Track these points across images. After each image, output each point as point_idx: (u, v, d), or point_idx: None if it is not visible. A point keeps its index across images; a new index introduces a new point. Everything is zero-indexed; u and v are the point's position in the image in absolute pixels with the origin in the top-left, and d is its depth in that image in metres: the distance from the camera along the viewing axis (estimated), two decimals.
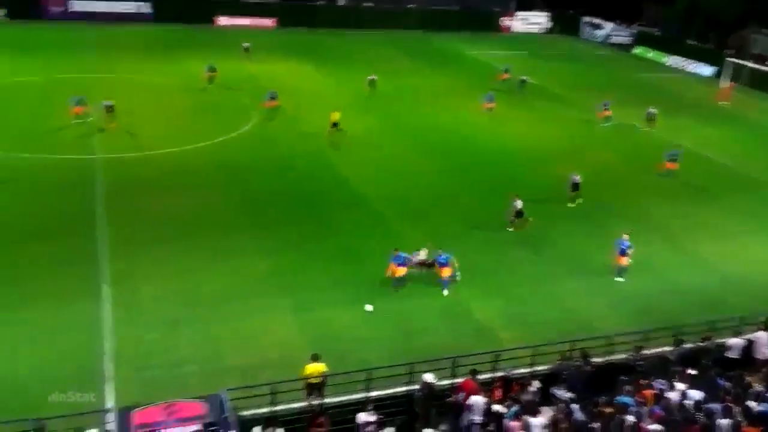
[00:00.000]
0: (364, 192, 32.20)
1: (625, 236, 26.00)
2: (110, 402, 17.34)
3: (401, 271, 23.83)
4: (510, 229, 28.71)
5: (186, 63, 53.76)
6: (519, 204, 28.65)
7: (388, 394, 17.27)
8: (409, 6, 79.78)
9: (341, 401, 17.08)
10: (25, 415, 14.99)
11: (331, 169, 34.81)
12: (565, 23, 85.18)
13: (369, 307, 22.20)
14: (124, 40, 60.68)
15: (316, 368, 17.37)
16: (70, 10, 68.27)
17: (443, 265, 23.95)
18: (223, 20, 72.57)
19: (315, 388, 17.37)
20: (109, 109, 36.59)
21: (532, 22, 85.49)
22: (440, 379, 16.95)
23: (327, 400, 17.26)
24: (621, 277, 25.78)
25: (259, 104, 42.78)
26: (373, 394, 16.97)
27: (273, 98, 42.73)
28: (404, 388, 17.36)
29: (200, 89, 46.50)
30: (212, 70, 47.62)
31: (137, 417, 14.84)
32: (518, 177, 35.18)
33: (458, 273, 24.20)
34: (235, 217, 28.70)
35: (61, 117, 38.04)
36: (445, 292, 23.78)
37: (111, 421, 14.85)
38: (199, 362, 19.48)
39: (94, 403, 17.08)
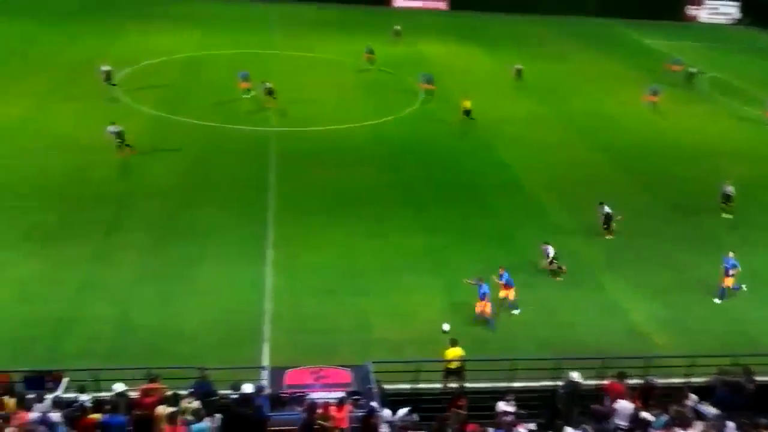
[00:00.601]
0: (525, 178, 31.56)
1: (731, 254, 23.37)
2: (265, 360, 18.27)
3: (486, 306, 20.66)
4: (608, 237, 26.40)
5: (358, 42, 54.97)
6: (606, 209, 26.34)
7: (530, 386, 16.87)
8: None
9: (482, 387, 16.90)
10: (191, 363, 16.11)
11: (492, 152, 34.41)
12: (761, 14, 78.18)
13: (446, 327, 19.37)
14: (303, 19, 62.91)
15: (454, 353, 17.31)
16: None
17: (508, 285, 21.28)
18: (399, 2, 73.38)
19: (453, 373, 17.32)
20: (269, 91, 37.72)
21: (720, 12, 79.33)
22: (586, 378, 16.31)
23: (468, 385, 17.16)
24: (720, 298, 23.03)
25: (418, 87, 42.96)
26: (515, 384, 16.65)
27: (429, 82, 42.60)
28: (548, 383, 16.88)
29: (364, 69, 47.30)
30: (370, 51, 48.08)
31: (288, 377, 15.51)
32: (673, 174, 33.13)
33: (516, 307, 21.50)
34: (394, 194, 29.12)
35: (238, 90, 40.30)
36: (516, 312, 21.43)
37: (265, 378, 15.62)
38: (349, 332, 20.01)
39: (250, 359, 18.07)
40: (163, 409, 12.94)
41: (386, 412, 14.32)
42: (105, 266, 22.47)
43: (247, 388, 14.15)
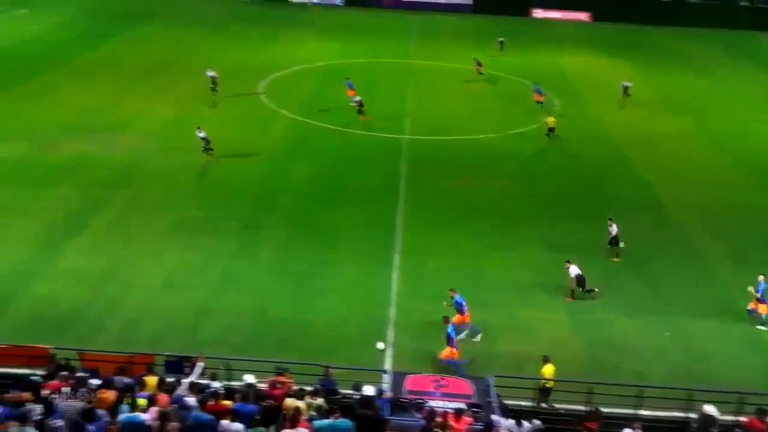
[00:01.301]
0: (664, 198, 29.97)
1: (761, 277, 20.99)
2: (387, 364, 18.35)
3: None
4: (615, 259, 24.63)
5: (494, 53, 54.42)
6: (614, 229, 24.62)
7: (659, 416, 15.94)
8: (741, 3, 71.95)
9: (608, 413, 16.13)
10: (317, 359, 16.45)
11: (631, 169, 32.94)
12: None
13: (381, 345, 18.77)
14: (441, 29, 63.11)
15: (549, 370, 16.79)
16: (400, 0, 72.70)
17: (460, 310, 19.73)
18: (539, 13, 72.07)
19: (544, 390, 16.75)
20: (359, 104, 37.41)
21: None
22: (722, 413, 15.18)
23: (590, 408, 16.45)
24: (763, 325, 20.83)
25: (537, 101, 41.58)
26: (643, 412, 15.77)
27: (539, 93, 41.23)
28: (678, 414, 15.88)
29: (495, 80, 46.69)
30: (479, 63, 47.14)
31: (409, 383, 15.47)
32: None
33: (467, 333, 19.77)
34: (525, 207, 28.53)
35: (376, 98, 40.97)
36: (477, 339, 19.73)
37: (386, 381, 15.66)
38: (471, 343, 19.73)
39: (372, 361, 18.22)
40: (290, 402, 13.25)
41: (508, 423, 13.92)
42: (244, 260, 23.45)
43: (369, 390, 14.22)
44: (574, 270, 21.97)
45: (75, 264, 22.62)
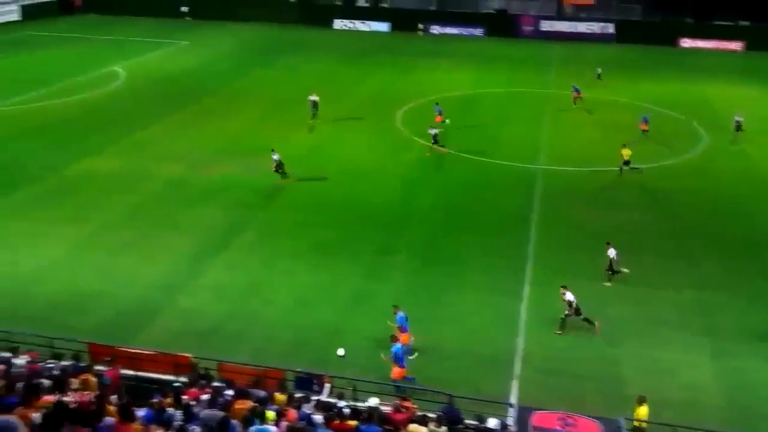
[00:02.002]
0: None
1: None
2: (512, 397, 17.96)
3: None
4: (607, 284, 23.47)
5: (641, 84, 52.53)
6: (612, 253, 23.50)
7: None
8: None
9: None
10: (440, 386, 16.38)
11: None
12: None
13: (341, 352, 18.77)
14: (582, 59, 61.78)
15: (643, 411, 15.78)
16: (540, 29, 72.07)
17: (403, 328, 19.10)
18: (687, 42, 68.93)
19: None
20: (434, 138, 36.45)
21: None
22: None
23: None
24: None
25: (643, 130, 39.48)
26: None
27: (646, 122, 39.20)
28: None
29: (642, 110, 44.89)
30: (577, 91, 45.36)
31: (536, 419, 15.07)
32: None
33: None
34: (664, 241, 27.17)
35: (512, 127, 40.60)
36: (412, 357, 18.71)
37: (511, 415, 15.34)
38: (600, 381, 18.95)
39: (496, 392, 17.89)
40: (414, 428, 13.25)
41: None
42: (374, 283, 23.85)
43: (492, 422, 13.99)
44: (569, 296, 21.00)
45: (217, 280, 23.91)
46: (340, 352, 18.97)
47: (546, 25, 72.28)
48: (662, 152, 37.15)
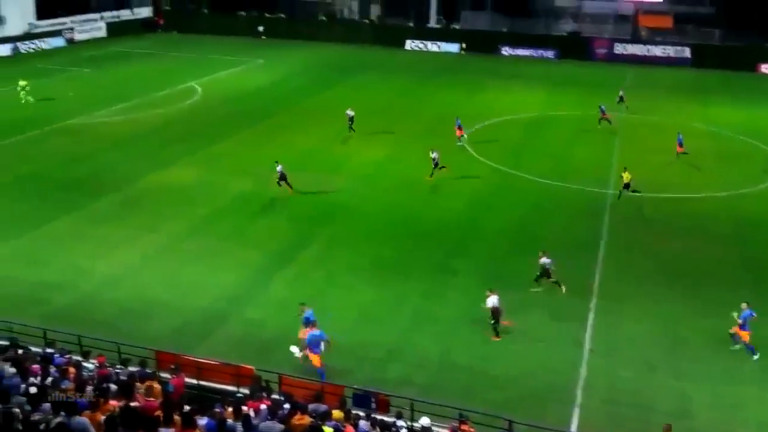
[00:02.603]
0: None
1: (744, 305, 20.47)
2: (573, 426, 17.51)
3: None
4: (535, 290, 23.99)
5: (712, 107, 50.93)
6: (545, 261, 23.94)
7: None
8: None
9: None
10: (500, 411, 16.11)
11: None
12: None
13: (295, 350, 19.06)
14: (656, 83, 60.37)
15: None
16: (613, 52, 70.81)
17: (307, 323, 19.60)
18: (765, 68, 66.49)
19: None
20: (434, 162, 35.20)
21: None
22: None
23: None
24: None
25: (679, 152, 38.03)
26: None
27: (680, 144, 38.01)
28: None
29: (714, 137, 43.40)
30: (602, 112, 44.14)
31: None
32: None
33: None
34: (738, 274, 26.09)
35: (582, 150, 39.90)
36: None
37: None
38: (666, 415, 18.20)
39: (557, 420, 17.47)
40: None
41: None
42: (434, 302, 23.73)
43: None
44: (491, 300, 21.38)
45: (282, 292, 24.24)
46: (293, 349, 19.20)
47: (620, 48, 70.96)
48: (742, 180, 35.78)
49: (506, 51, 73.71)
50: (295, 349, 19.34)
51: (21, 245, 27.27)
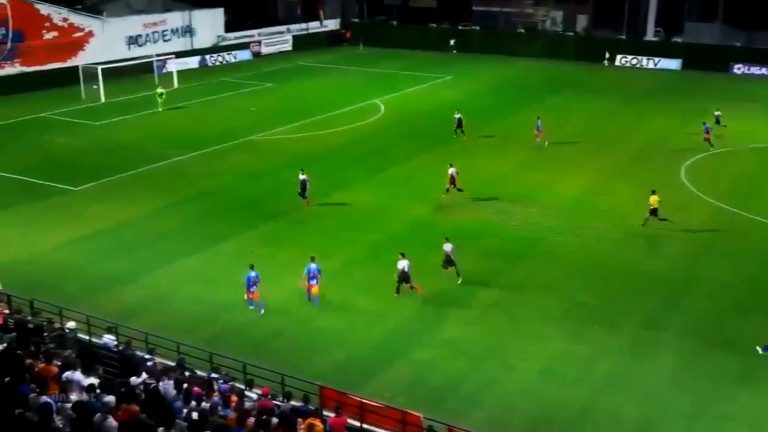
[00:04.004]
0: None
1: None
2: None
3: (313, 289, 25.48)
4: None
5: None
6: (447, 247, 27.35)
7: None
8: None
9: None
10: None
11: None
12: None
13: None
14: None
15: None
16: None
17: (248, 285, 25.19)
18: None
19: None
20: (452, 179, 35.24)
21: None
22: None
23: None
24: None
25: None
26: None
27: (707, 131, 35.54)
28: None
29: None
30: (707, 131, 42.28)
31: None
32: None
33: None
34: None
35: None
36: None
37: None
38: None
39: None
40: None
41: None
42: (637, 361, 22.44)
43: None
44: (401, 264, 25.79)
45: (457, 334, 24.08)
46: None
47: None
48: None
49: (739, 69, 69.22)
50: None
51: (195, 262, 29.43)
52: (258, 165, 41.66)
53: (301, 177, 34.40)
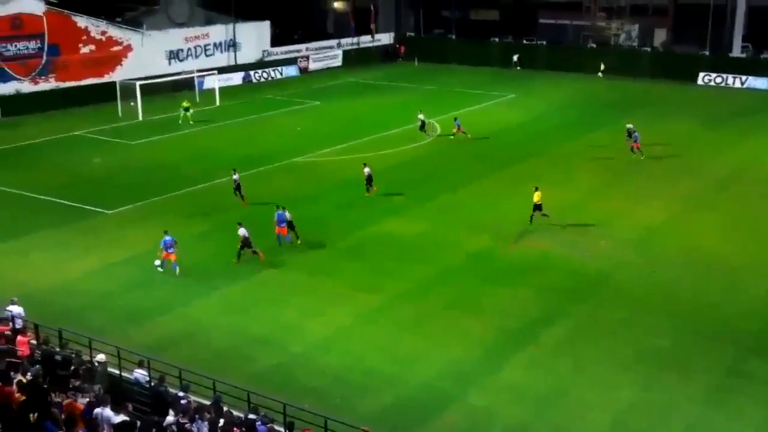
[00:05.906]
0: None
1: None
2: None
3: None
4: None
5: None
6: (242, 232, 31.55)
7: None
8: None
9: None
10: None
11: None
12: None
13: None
14: None
15: None
16: None
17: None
18: None
19: None
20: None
21: None
22: None
23: None
24: None
25: None
26: None
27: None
28: None
29: None
30: None
31: None
32: None
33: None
34: None
35: None
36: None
37: None
38: None
39: None
40: None
41: None
42: (719, 413, 21.98)
43: None
44: (242, 231, 31.25)
45: (516, 379, 23.87)
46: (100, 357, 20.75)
47: None
48: None
49: None
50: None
51: (234, 293, 29.81)
52: (299, 189, 42.01)
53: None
